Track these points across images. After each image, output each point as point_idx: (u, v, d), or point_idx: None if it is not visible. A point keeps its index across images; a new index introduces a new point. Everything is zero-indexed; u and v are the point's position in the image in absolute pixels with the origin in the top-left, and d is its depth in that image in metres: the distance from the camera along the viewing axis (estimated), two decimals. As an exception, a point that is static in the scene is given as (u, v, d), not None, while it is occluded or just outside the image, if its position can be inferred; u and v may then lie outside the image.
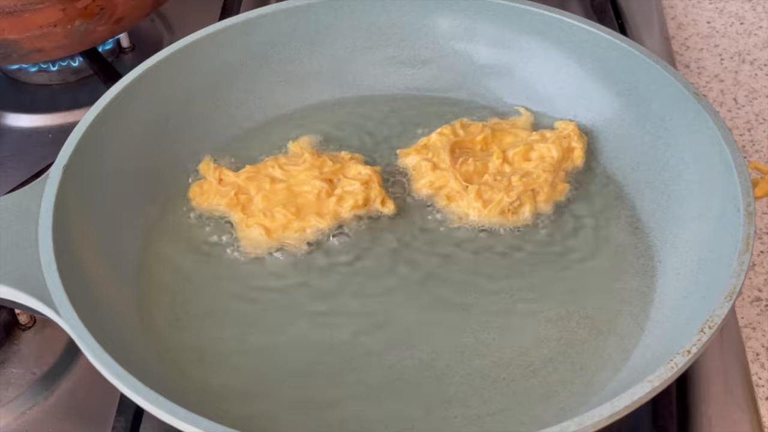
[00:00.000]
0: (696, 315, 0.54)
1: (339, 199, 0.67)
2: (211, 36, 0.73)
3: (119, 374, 0.51)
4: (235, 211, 0.67)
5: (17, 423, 0.63)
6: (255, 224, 0.66)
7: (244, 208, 0.67)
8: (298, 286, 0.64)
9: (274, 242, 0.66)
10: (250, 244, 0.66)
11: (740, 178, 0.60)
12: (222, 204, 0.68)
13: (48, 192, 0.60)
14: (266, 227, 0.66)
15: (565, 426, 0.49)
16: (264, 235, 0.66)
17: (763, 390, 0.65)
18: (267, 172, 0.69)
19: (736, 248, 0.56)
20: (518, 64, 0.75)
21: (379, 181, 0.68)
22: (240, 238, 0.66)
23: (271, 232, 0.66)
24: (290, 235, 0.66)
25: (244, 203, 0.68)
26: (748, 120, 0.85)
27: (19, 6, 0.74)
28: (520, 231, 0.67)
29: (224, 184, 0.69)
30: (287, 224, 0.66)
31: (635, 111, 0.70)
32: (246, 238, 0.66)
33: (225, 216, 0.68)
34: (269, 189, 0.68)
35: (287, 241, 0.66)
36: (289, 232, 0.66)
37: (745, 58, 0.92)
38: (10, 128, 0.85)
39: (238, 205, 0.68)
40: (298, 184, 0.68)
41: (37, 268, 0.56)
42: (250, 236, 0.66)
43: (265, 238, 0.66)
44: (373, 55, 0.77)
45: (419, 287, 0.64)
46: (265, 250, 0.66)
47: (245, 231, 0.67)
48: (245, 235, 0.66)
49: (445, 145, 0.70)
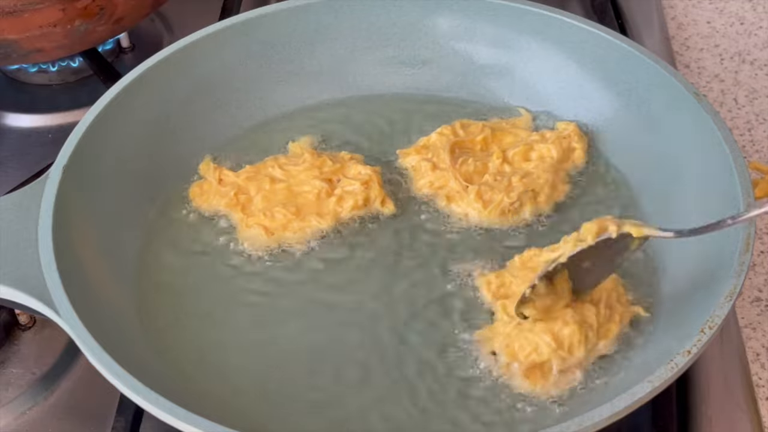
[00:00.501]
0: (696, 315, 0.54)
1: (339, 199, 0.67)
2: (211, 36, 0.73)
3: (119, 374, 0.51)
4: (235, 211, 0.67)
5: (17, 423, 0.63)
6: (255, 224, 0.66)
7: (244, 208, 0.67)
8: (298, 286, 0.64)
9: (274, 242, 0.66)
10: (250, 244, 0.66)
11: (740, 178, 0.60)
12: (222, 204, 0.68)
13: (48, 192, 0.60)
14: (266, 227, 0.66)
15: (565, 426, 0.49)
16: (264, 234, 0.66)
17: (763, 390, 0.65)
18: (267, 172, 0.69)
19: (736, 248, 0.56)
20: (518, 64, 0.75)
21: (379, 181, 0.68)
22: (240, 238, 0.66)
23: (271, 232, 0.66)
24: (290, 235, 0.66)
25: (244, 203, 0.68)
26: (748, 120, 0.85)
27: (19, 6, 0.74)
28: (520, 231, 0.67)
29: (224, 184, 0.69)
30: (287, 224, 0.66)
31: (635, 111, 0.70)
32: (246, 238, 0.66)
33: (225, 216, 0.68)
34: (269, 189, 0.68)
35: (287, 241, 0.66)
36: (289, 232, 0.66)
37: (745, 58, 0.92)
38: (10, 128, 0.85)
39: (238, 205, 0.68)
40: (298, 184, 0.68)
41: (37, 268, 0.56)
42: (250, 236, 0.66)
43: (265, 237, 0.66)
44: (373, 55, 0.77)
45: (420, 287, 0.64)
46: (265, 250, 0.66)
47: (245, 231, 0.67)
48: (245, 235, 0.66)
49: (444, 145, 0.70)
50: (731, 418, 0.61)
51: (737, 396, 0.62)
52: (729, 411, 0.61)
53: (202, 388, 0.58)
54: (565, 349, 0.57)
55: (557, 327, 0.58)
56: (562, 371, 0.57)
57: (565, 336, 0.58)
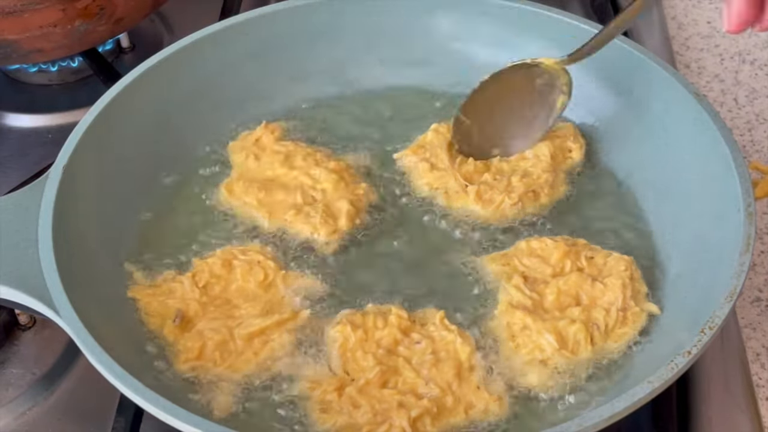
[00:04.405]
0: (696, 316, 0.54)
1: (294, 215, 0.66)
2: (211, 36, 0.73)
3: (119, 374, 0.51)
4: (235, 169, 0.70)
5: (17, 423, 0.63)
6: (227, 191, 0.68)
7: (242, 173, 0.69)
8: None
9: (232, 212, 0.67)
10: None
11: (740, 179, 0.60)
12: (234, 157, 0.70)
13: (48, 192, 0.60)
14: (233, 195, 0.68)
15: (565, 426, 0.49)
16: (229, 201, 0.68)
17: (763, 390, 0.65)
18: (293, 155, 0.70)
19: (736, 249, 0.56)
20: (518, 64, 0.75)
21: (342, 229, 0.66)
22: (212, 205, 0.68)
23: (232, 202, 0.68)
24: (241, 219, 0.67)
25: (246, 167, 0.70)
26: (748, 120, 0.85)
27: (19, 6, 0.74)
28: (520, 231, 0.67)
29: (257, 145, 0.71)
30: (245, 204, 0.67)
31: (635, 111, 0.70)
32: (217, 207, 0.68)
33: (228, 213, 0.68)
34: (271, 167, 0.69)
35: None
36: (241, 217, 0.67)
37: (745, 58, 0.92)
38: (10, 128, 0.85)
39: (243, 166, 0.69)
40: (289, 181, 0.69)
41: (37, 268, 0.56)
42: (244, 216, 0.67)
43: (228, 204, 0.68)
44: (373, 55, 0.77)
45: (419, 287, 0.64)
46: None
47: (219, 197, 0.68)
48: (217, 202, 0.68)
49: (441, 143, 0.70)
50: (731, 418, 0.61)
51: (737, 396, 0.62)
52: (729, 411, 0.61)
53: (203, 389, 0.58)
54: (568, 349, 0.57)
55: (561, 324, 0.58)
56: (564, 370, 0.58)
57: (569, 335, 0.58)
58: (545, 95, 0.69)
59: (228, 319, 0.60)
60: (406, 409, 0.54)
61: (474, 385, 0.57)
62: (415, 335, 0.59)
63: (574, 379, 0.57)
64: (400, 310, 0.60)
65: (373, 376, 0.56)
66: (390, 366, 0.57)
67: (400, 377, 0.57)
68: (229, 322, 0.60)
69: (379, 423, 0.54)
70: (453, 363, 0.57)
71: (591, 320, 0.58)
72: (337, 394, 0.56)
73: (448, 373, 0.57)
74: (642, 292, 0.60)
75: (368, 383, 0.56)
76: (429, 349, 0.58)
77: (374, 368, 0.57)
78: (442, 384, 0.56)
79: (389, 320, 0.59)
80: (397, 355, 0.58)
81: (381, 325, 0.59)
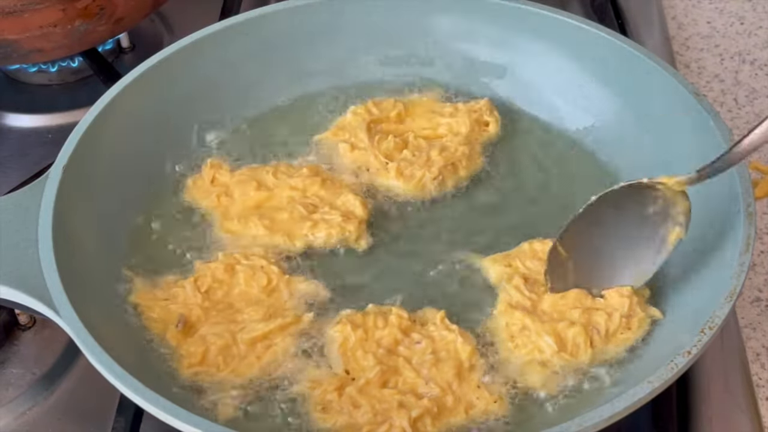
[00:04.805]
0: (696, 316, 0.54)
1: (313, 225, 0.65)
2: (211, 36, 0.73)
3: (119, 374, 0.51)
4: (216, 212, 0.67)
5: (17, 423, 0.63)
6: (226, 231, 0.66)
7: (224, 211, 0.67)
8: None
9: (244, 250, 0.65)
10: (217, 247, 0.66)
11: (740, 179, 0.60)
12: (206, 203, 0.68)
13: (48, 192, 0.60)
14: (233, 233, 0.66)
15: (565, 426, 0.49)
16: (235, 239, 0.66)
17: (763, 390, 0.65)
18: (260, 177, 0.68)
19: (736, 249, 0.56)
20: (518, 64, 0.75)
21: (363, 217, 0.66)
22: (212, 241, 0.66)
23: (240, 239, 0.65)
24: (257, 249, 0.65)
25: (225, 206, 0.67)
26: (748, 120, 0.85)
27: (19, 6, 0.74)
28: (446, 204, 0.68)
29: (216, 183, 0.69)
30: (256, 237, 0.65)
31: (635, 111, 0.70)
32: (215, 241, 0.66)
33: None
34: (252, 196, 0.67)
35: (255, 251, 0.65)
36: (258, 247, 0.65)
37: (745, 58, 0.92)
38: (10, 128, 0.85)
39: (219, 207, 0.67)
40: (279, 200, 0.67)
41: (37, 268, 0.56)
42: (220, 239, 0.66)
43: (235, 243, 0.65)
44: (373, 55, 0.77)
45: (419, 287, 0.64)
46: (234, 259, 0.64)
47: (218, 234, 0.66)
48: (217, 238, 0.66)
49: (360, 124, 0.71)
50: (731, 418, 0.61)
51: (737, 396, 0.62)
52: (729, 411, 0.61)
53: (203, 389, 0.58)
54: (568, 352, 0.57)
55: (561, 327, 0.58)
56: (564, 371, 0.58)
57: (569, 337, 0.58)
58: (656, 227, 0.59)
59: (231, 324, 0.60)
60: (406, 408, 0.54)
61: (474, 385, 0.57)
62: (415, 335, 0.59)
63: (574, 379, 0.57)
64: (401, 310, 0.60)
65: (374, 376, 0.56)
66: (390, 366, 0.57)
67: (401, 377, 0.57)
68: (231, 326, 0.60)
69: (379, 423, 0.54)
70: (453, 363, 0.57)
71: (591, 323, 0.58)
72: (337, 393, 0.56)
73: (449, 373, 0.57)
74: (645, 296, 0.60)
75: (368, 383, 0.56)
76: (429, 349, 0.58)
77: (374, 368, 0.57)
78: (442, 384, 0.56)
79: (389, 320, 0.59)
80: (398, 355, 0.58)
81: (381, 324, 0.59)
